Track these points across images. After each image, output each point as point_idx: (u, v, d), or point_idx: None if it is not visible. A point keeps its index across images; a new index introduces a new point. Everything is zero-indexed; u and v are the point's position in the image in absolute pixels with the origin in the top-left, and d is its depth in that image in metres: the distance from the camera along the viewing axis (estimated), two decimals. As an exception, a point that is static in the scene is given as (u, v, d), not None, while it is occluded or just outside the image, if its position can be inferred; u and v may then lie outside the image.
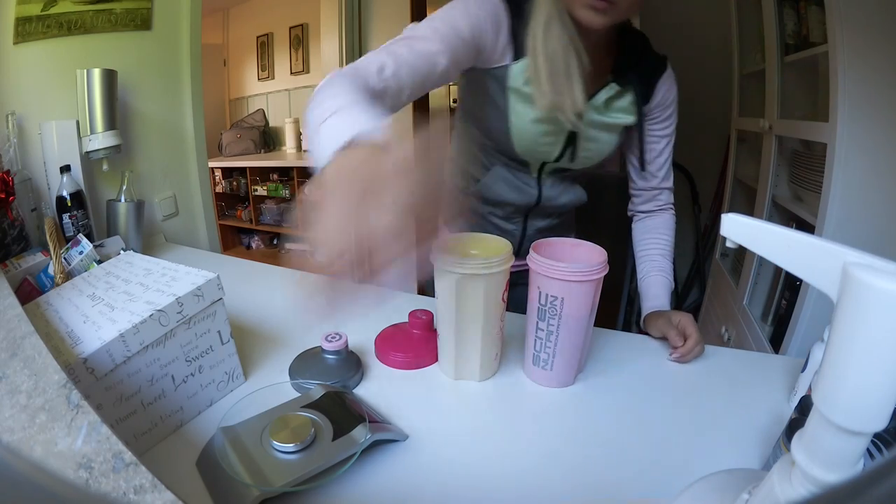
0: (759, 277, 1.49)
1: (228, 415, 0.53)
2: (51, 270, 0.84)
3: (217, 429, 0.52)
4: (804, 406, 0.46)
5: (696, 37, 2.09)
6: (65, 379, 0.42)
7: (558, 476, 0.51)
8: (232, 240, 3.87)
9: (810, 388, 0.55)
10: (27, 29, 1.05)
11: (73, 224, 1.04)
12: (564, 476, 0.51)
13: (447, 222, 0.43)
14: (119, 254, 0.78)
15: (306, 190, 0.37)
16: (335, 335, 0.66)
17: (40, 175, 1.08)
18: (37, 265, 0.87)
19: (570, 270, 0.58)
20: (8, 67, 1.04)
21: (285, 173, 3.43)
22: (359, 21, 2.02)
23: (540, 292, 0.62)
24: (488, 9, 0.65)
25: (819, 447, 0.26)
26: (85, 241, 0.92)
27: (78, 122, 1.12)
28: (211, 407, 0.60)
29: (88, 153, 1.13)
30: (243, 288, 0.95)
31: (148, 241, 1.30)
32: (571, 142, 0.75)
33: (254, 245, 3.84)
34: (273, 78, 3.59)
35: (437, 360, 0.71)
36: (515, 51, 0.68)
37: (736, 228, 0.32)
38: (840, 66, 0.99)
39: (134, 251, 0.75)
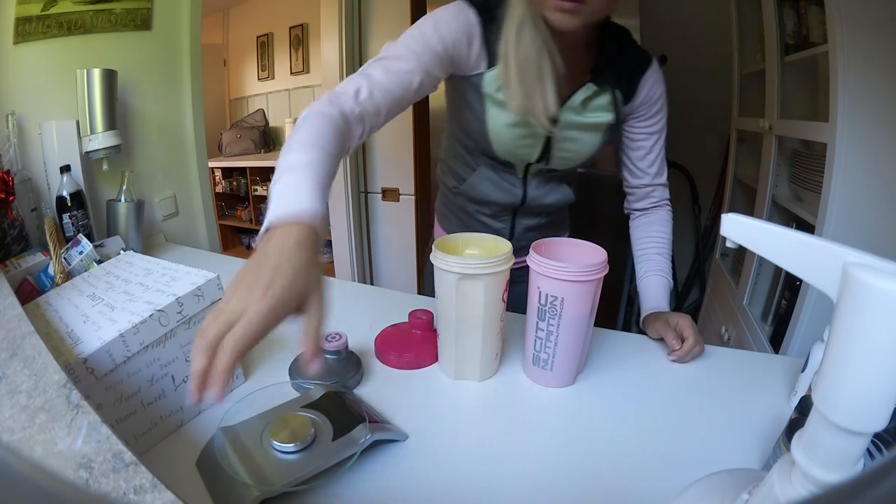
0: (759, 277, 1.49)
1: (228, 415, 0.53)
2: (51, 270, 0.84)
3: (217, 429, 0.52)
4: (804, 406, 0.46)
5: (696, 37, 2.09)
6: (65, 379, 0.42)
7: (558, 476, 0.51)
8: (232, 240, 3.87)
9: (810, 388, 0.55)
10: (27, 29, 1.05)
11: (73, 224, 1.04)
12: (564, 476, 0.51)
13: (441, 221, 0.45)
14: (119, 254, 0.78)
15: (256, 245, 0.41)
16: (335, 335, 0.66)
17: (40, 175, 1.08)
18: (37, 265, 0.87)
19: (570, 270, 0.58)
20: (8, 67, 1.04)
21: None
22: (359, 21, 2.02)
23: (540, 292, 0.62)
24: (460, 20, 0.66)
25: (819, 447, 0.26)
26: (85, 241, 0.92)
27: (78, 122, 1.12)
28: (211, 407, 0.61)
29: (88, 153, 1.13)
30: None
31: (148, 241, 1.30)
32: (549, 144, 0.75)
33: (254, 245, 3.83)
34: (273, 78, 3.58)
35: (437, 360, 0.71)
36: (490, 58, 0.68)
37: (736, 228, 0.32)
38: (840, 66, 0.99)
39: (134, 251, 0.75)
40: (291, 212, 0.41)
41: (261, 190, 3.48)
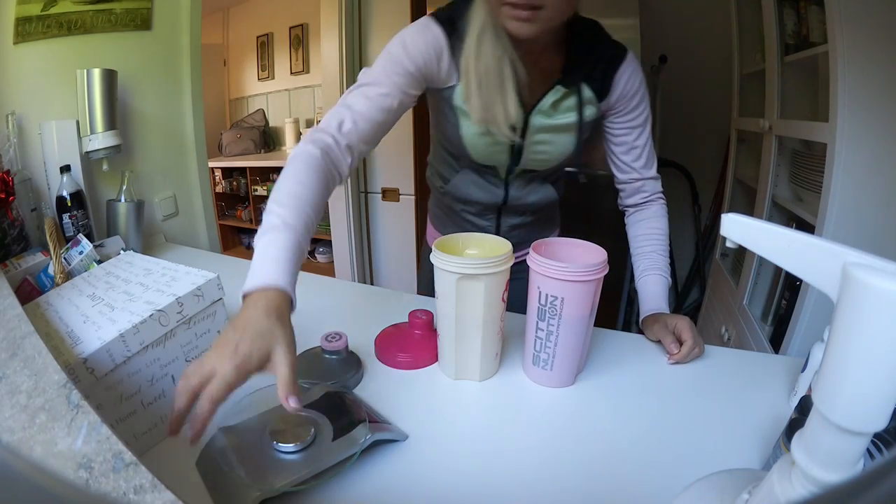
0: (759, 277, 1.49)
1: (228, 415, 0.53)
2: (51, 270, 0.84)
3: (217, 429, 0.52)
4: (804, 406, 0.46)
5: (696, 37, 2.09)
6: (65, 379, 0.42)
7: (558, 476, 0.51)
8: (232, 240, 3.87)
9: (810, 388, 0.55)
10: (27, 29, 1.05)
11: (73, 224, 1.04)
12: (564, 476, 0.51)
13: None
14: (119, 254, 0.78)
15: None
16: (335, 335, 0.66)
17: (40, 175, 1.08)
18: (37, 265, 0.87)
19: (570, 270, 0.58)
20: (8, 67, 1.04)
21: None
22: (359, 21, 2.02)
23: (540, 292, 0.62)
24: (427, 38, 0.67)
25: (819, 447, 0.26)
26: (85, 241, 0.92)
27: (78, 122, 1.12)
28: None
29: (88, 153, 1.13)
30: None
31: (148, 241, 1.30)
32: (521, 148, 0.76)
33: (253, 244, 3.84)
34: (273, 78, 3.58)
35: (437, 360, 0.71)
36: (459, 71, 0.69)
37: (736, 228, 0.32)
38: (840, 66, 0.99)
39: (134, 251, 0.75)
40: (263, 282, 0.49)
41: (261, 190, 3.48)
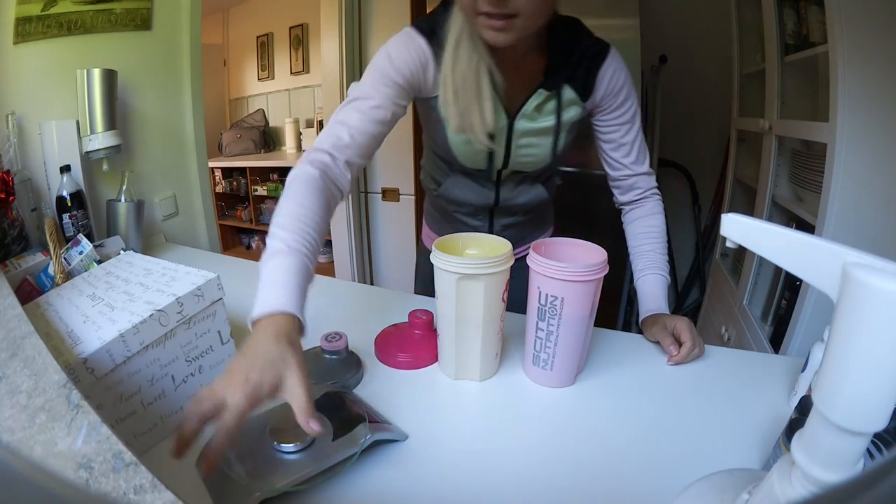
0: (759, 277, 1.49)
1: (228, 415, 0.53)
2: (51, 270, 0.84)
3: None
4: (804, 406, 0.46)
5: (696, 37, 2.09)
6: (65, 379, 0.42)
7: (558, 476, 0.51)
8: (232, 240, 3.87)
9: (810, 388, 0.55)
10: (27, 29, 1.05)
11: (73, 224, 1.04)
12: (564, 476, 0.51)
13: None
14: (119, 254, 0.78)
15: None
16: (335, 335, 0.66)
17: (40, 175, 1.08)
18: (37, 265, 0.87)
19: (570, 270, 0.58)
20: (8, 67, 1.04)
21: (285, 173, 3.34)
22: (359, 21, 2.02)
23: (540, 292, 0.62)
24: (411, 49, 0.68)
25: (819, 447, 0.26)
26: (85, 241, 0.92)
27: (78, 122, 1.12)
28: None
29: (88, 153, 1.13)
30: (243, 288, 0.94)
31: (148, 241, 1.30)
32: (508, 153, 0.77)
33: (254, 245, 3.84)
34: (273, 78, 3.58)
35: (437, 360, 0.71)
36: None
37: (736, 228, 0.32)
38: (840, 66, 0.99)
39: (134, 251, 0.75)
40: (271, 308, 0.48)
41: (261, 190, 3.48)
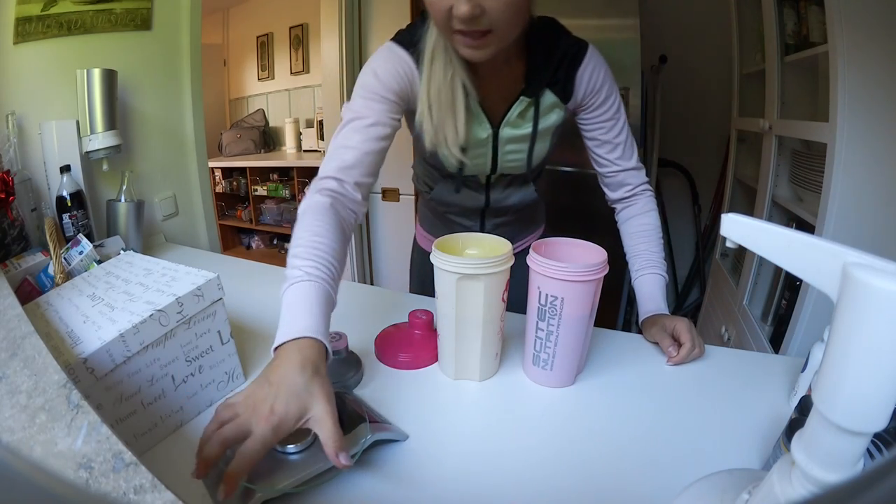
0: (759, 277, 1.49)
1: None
2: (51, 270, 0.84)
3: (217, 429, 0.52)
4: (804, 406, 0.46)
5: (696, 37, 2.09)
6: (65, 379, 0.42)
7: (558, 476, 0.51)
8: (232, 240, 3.87)
9: (810, 388, 0.55)
10: (27, 29, 1.05)
11: (73, 224, 1.04)
12: (564, 475, 0.51)
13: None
14: (119, 254, 0.78)
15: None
16: (335, 335, 0.66)
17: (40, 175, 1.08)
18: (37, 265, 0.87)
19: (570, 270, 0.58)
20: (8, 67, 1.04)
21: (285, 173, 3.43)
22: (359, 21, 2.02)
23: (540, 292, 0.62)
24: (395, 63, 0.68)
25: (819, 447, 0.26)
26: (85, 241, 0.92)
27: (78, 122, 1.12)
28: (211, 407, 0.60)
29: (88, 153, 1.13)
30: (243, 288, 0.95)
31: (148, 241, 1.30)
32: (496, 158, 0.78)
33: (254, 245, 3.84)
34: (273, 78, 3.58)
35: (437, 360, 0.71)
36: None
37: (736, 228, 0.32)
38: (840, 66, 0.99)
39: (134, 251, 0.75)
40: (294, 334, 0.48)
41: (261, 190, 3.48)
